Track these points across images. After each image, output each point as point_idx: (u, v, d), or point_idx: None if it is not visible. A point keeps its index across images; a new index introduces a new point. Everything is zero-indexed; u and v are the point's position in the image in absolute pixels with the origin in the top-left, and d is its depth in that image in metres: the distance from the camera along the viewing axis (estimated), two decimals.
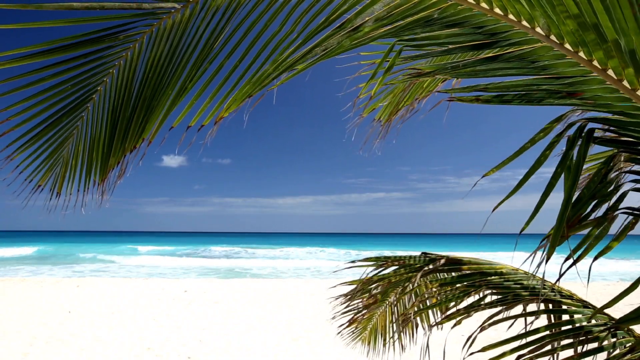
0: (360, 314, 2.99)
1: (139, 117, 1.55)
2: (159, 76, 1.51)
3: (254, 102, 1.35)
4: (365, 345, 3.30)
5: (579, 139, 1.16)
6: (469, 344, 1.83)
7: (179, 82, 1.48)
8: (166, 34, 1.46)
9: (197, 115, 1.38)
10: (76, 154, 1.76)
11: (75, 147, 1.74)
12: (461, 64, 1.29)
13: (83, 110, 1.63)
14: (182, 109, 1.44)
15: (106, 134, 1.65)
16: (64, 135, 1.69)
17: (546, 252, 1.12)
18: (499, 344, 1.77)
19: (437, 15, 1.27)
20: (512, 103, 1.26)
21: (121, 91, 1.57)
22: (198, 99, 1.43)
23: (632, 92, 1.08)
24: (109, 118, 1.62)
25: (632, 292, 1.16)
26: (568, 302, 1.91)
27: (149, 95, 1.53)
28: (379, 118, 2.83)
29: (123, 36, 1.44)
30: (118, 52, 1.49)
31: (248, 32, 1.39)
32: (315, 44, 1.27)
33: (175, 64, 1.48)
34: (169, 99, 1.50)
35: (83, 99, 1.59)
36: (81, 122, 1.67)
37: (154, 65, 1.50)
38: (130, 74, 1.54)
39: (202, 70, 1.45)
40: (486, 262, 2.26)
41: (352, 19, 1.25)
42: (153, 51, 1.49)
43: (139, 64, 1.52)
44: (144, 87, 1.53)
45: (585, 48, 1.10)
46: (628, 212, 1.18)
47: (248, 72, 1.36)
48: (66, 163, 1.78)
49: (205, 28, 1.42)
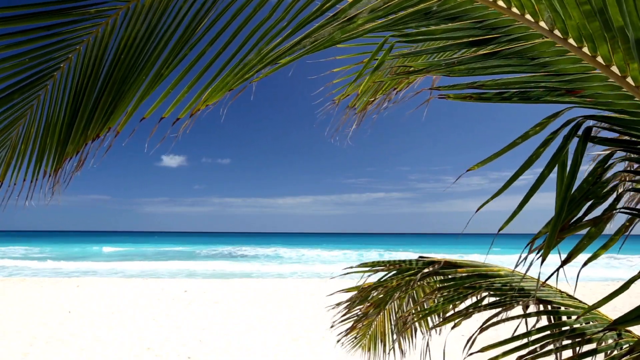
0: (359, 322, 2.96)
1: (106, 102, 1.39)
2: (132, 59, 1.36)
3: (233, 96, 1.25)
4: (366, 352, 3.29)
5: (576, 137, 1.13)
6: (469, 345, 1.81)
7: (154, 68, 1.34)
8: (144, 12, 1.32)
9: (172, 106, 1.25)
10: (27, 138, 1.54)
11: (27, 129, 1.53)
12: (456, 60, 1.26)
13: (41, 88, 1.44)
14: (157, 99, 1.30)
15: (65, 118, 1.46)
16: (14, 115, 1.47)
17: (539, 254, 1.10)
18: (497, 344, 1.75)
19: (436, 8, 1.23)
20: (509, 101, 1.23)
21: (88, 71, 1.40)
22: (175, 88, 1.29)
23: (636, 90, 1.05)
24: (70, 100, 1.44)
25: (624, 291, 1.14)
26: (565, 302, 1.89)
27: (119, 79, 1.37)
28: (354, 105, 2.66)
29: (95, 10, 1.30)
30: (87, 28, 1.34)
31: (235, 17, 1.26)
32: (305, 35, 1.19)
33: (152, 47, 1.34)
34: (142, 85, 1.34)
35: (42, 75, 1.40)
36: (37, 101, 1.47)
37: (128, 45, 1.35)
38: (100, 52, 1.38)
39: (181, 57, 1.31)
40: (482, 264, 2.24)
41: (346, 9, 1.18)
42: (128, 30, 1.34)
43: (110, 42, 1.36)
44: (114, 69, 1.37)
45: (590, 43, 1.08)
46: (626, 212, 1.15)
47: (231, 62, 1.24)
48: (14, 147, 1.55)
49: (188, 9, 1.29)
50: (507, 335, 1.76)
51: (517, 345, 1.70)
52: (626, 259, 33.40)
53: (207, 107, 1.25)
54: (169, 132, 1.23)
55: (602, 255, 1.17)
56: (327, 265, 32.21)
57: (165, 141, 1.27)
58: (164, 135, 1.23)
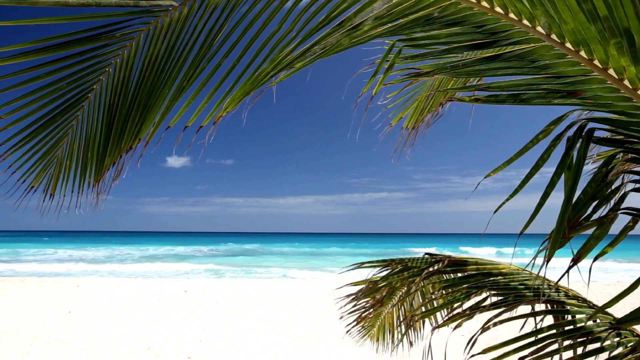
0: (367, 312, 3.04)
1: (136, 116, 1.53)
2: (156, 75, 1.49)
3: (251, 100, 1.33)
4: (374, 342, 3.36)
5: (579, 139, 1.14)
6: (470, 345, 1.82)
7: (176, 81, 1.46)
8: (163, 32, 1.44)
9: (195, 115, 1.36)
10: (71, 154, 1.73)
11: (70, 147, 1.71)
12: (461, 63, 1.28)
13: (78, 109, 1.61)
14: (180, 109, 1.43)
15: (102, 134, 1.62)
16: (58, 135, 1.66)
17: (547, 253, 1.11)
18: (499, 345, 1.76)
19: (437, 14, 1.26)
20: (509, 103, 1.24)
21: (117, 90, 1.55)
22: (195, 99, 1.41)
23: (633, 92, 1.07)
24: (104, 117, 1.60)
25: (632, 292, 1.15)
26: (571, 302, 1.90)
27: (145, 94, 1.51)
28: (407, 126, 2.95)
29: (120, 34, 1.42)
30: (115, 51, 1.47)
31: (246, 30, 1.37)
32: (314, 42, 1.25)
33: (173, 63, 1.46)
34: (166, 98, 1.48)
35: (78, 97, 1.57)
36: (76, 121, 1.64)
37: (151, 63, 1.48)
38: (127, 72, 1.52)
39: (200, 69, 1.43)
40: (489, 262, 2.25)
41: (351, 17, 1.24)
42: (150, 49, 1.47)
43: (135, 62, 1.50)
44: (140, 86, 1.51)
45: (586, 47, 1.09)
46: (629, 212, 1.16)
47: (247, 72, 1.34)
48: (60, 163, 1.74)
49: (203, 26, 1.40)
50: (508, 335, 1.77)
51: (523, 344, 1.71)
52: (627, 259, 33.46)
53: (227, 114, 1.34)
54: (194, 139, 1.34)
55: (602, 257, 1.17)
56: (328, 265, 32.24)
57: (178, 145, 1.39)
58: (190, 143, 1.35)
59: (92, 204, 1.66)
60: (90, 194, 1.67)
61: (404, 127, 2.93)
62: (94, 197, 1.65)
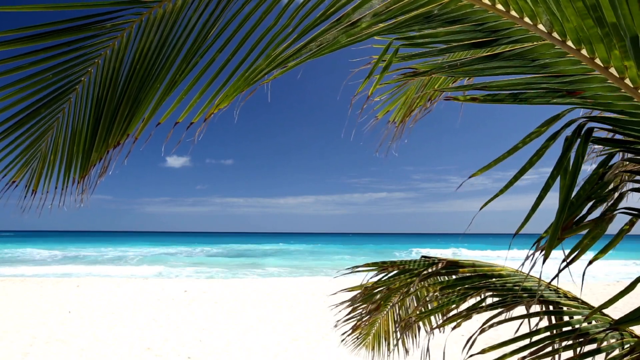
0: (363, 320, 2.98)
1: (125, 110, 1.46)
2: (147, 68, 1.43)
3: (244, 98, 1.29)
4: (370, 351, 3.30)
5: (578, 138, 1.14)
6: (468, 346, 1.82)
7: (168, 76, 1.40)
8: (156, 24, 1.39)
9: (186, 112, 1.30)
10: (55, 149, 1.64)
11: (55, 140, 1.62)
12: (459, 62, 1.27)
13: (65, 101, 1.53)
14: (171, 105, 1.36)
15: (89, 128, 1.55)
16: (42, 128, 1.57)
17: (542, 254, 1.10)
18: (498, 345, 1.76)
19: (437, 11, 1.24)
20: (508, 102, 1.24)
21: (106, 83, 1.48)
22: (187, 94, 1.35)
23: (634, 91, 1.06)
24: (92, 111, 1.52)
25: (629, 292, 1.15)
26: (568, 303, 1.89)
27: (136, 88, 1.45)
28: (394, 120, 2.87)
29: (110, 24, 1.36)
30: (105, 41, 1.41)
31: (242, 25, 1.32)
32: (310, 39, 1.22)
33: (165, 56, 1.40)
34: (157, 92, 1.42)
35: (65, 89, 1.49)
36: (62, 114, 1.56)
37: (143, 56, 1.43)
38: (117, 64, 1.45)
39: (192, 64, 1.37)
40: (485, 264, 2.24)
41: (349, 13, 1.21)
42: (142, 41, 1.41)
43: (126, 54, 1.44)
44: (131, 79, 1.45)
45: (588, 45, 1.08)
46: (628, 212, 1.16)
47: (240, 68, 1.29)
48: (44, 158, 1.65)
49: (197, 19, 1.35)
50: (508, 335, 1.77)
51: (520, 346, 1.71)
52: (627, 259, 33.42)
53: (219, 111, 1.30)
54: (184, 136, 1.28)
55: (599, 258, 1.17)
56: (328, 266, 32.22)
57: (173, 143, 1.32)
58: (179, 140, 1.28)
59: (77, 200, 1.59)
60: (75, 190, 1.60)
61: (391, 121, 2.86)
62: (78, 193, 1.58)
